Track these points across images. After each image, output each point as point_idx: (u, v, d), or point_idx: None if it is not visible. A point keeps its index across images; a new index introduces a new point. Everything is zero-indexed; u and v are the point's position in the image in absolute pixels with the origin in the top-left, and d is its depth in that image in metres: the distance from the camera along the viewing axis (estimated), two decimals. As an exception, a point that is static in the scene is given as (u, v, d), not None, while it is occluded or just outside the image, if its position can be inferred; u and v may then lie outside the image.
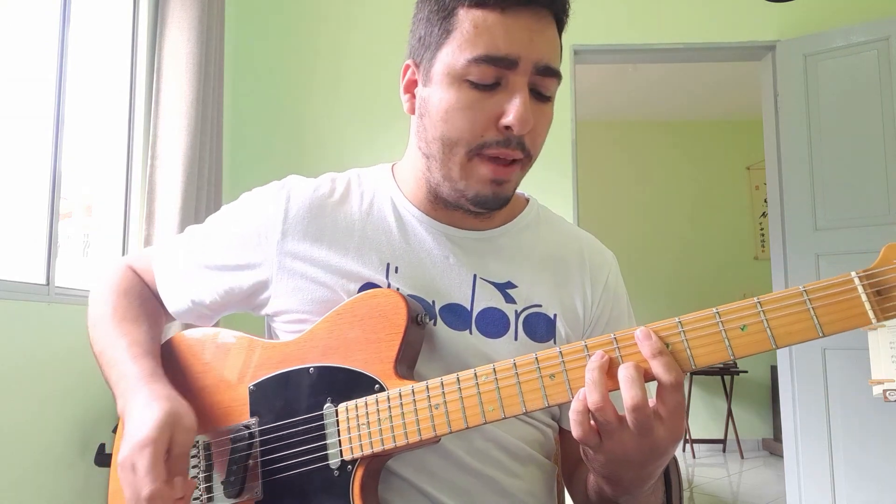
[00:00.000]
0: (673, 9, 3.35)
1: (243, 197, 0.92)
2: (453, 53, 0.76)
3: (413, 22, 0.84)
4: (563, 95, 3.27)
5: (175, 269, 0.92)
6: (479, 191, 0.79)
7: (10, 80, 2.19)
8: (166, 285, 0.93)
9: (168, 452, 0.72)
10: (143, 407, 0.75)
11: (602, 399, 0.64)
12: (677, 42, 3.32)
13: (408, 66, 0.84)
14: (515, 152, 0.77)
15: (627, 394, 0.63)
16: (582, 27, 3.33)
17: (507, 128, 0.76)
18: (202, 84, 2.72)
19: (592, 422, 0.66)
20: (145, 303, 0.93)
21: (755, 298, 0.63)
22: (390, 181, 0.90)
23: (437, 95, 0.78)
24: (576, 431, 0.66)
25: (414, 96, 0.84)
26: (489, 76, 0.75)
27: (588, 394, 0.64)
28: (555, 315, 0.86)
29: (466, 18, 0.76)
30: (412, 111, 0.84)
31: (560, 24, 0.80)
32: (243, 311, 0.92)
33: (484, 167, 0.78)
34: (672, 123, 6.05)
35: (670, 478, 0.93)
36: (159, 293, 0.94)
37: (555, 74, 0.78)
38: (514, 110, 0.75)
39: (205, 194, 2.74)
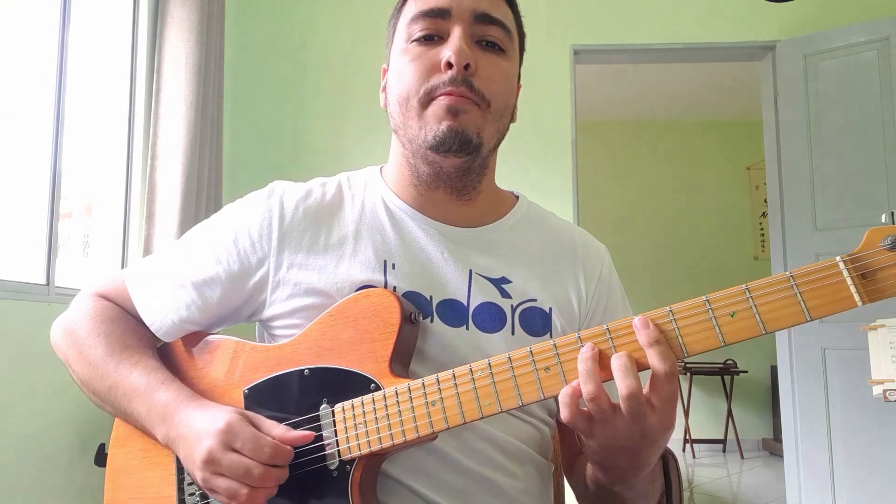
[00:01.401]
0: (673, 9, 3.35)
1: (228, 209, 0.90)
2: (400, 28, 0.86)
3: None
4: (563, 95, 3.27)
5: (157, 289, 0.88)
6: (437, 130, 0.80)
7: (11, 80, 2.19)
8: (149, 308, 0.88)
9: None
10: (207, 411, 0.76)
11: (596, 388, 0.65)
12: (677, 42, 3.32)
13: (384, 70, 0.91)
14: (461, 89, 0.80)
15: (622, 383, 0.64)
16: (582, 27, 3.33)
17: (448, 65, 0.80)
18: (202, 84, 2.72)
19: (585, 408, 0.67)
20: (137, 328, 0.88)
21: (744, 285, 0.64)
22: (379, 181, 0.91)
23: (392, 68, 0.86)
24: (564, 414, 0.67)
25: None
26: (427, 29, 0.82)
27: (583, 384, 0.65)
28: (550, 309, 0.87)
29: (412, 1, 0.85)
30: (386, 105, 0.89)
31: None
32: (234, 324, 0.90)
33: (435, 103, 0.81)
34: (672, 123, 6.05)
35: (670, 477, 0.93)
36: (141, 316, 0.89)
37: (496, 22, 0.83)
38: (450, 46, 0.80)
39: (205, 194, 2.74)
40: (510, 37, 0.85)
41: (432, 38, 0.82)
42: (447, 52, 0.79)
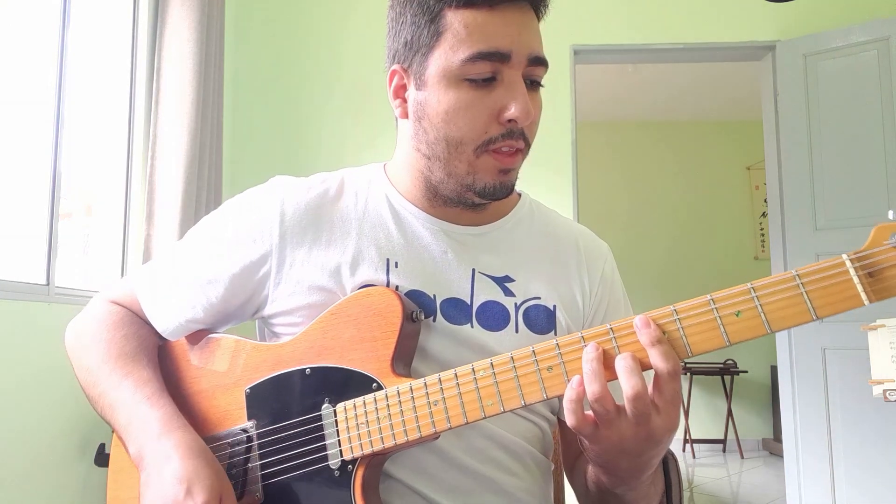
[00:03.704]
0: (673, 9, 3.35)
1: (229, 206, 0.90)
2: (447, 55, 0.78)
3: (392, 26, 0.84)
4: (562, 95, 3.27)
5: (162, 291, 0.88)
6: (487, 182, 0.80)
7: (11, 79, 2.19)
8: (155, 309, 0.89)
9: None
10: (178, 461, 0.74)
11: (602, 389, 0.65)
12: (677, 42, 3.32)
13: (395, 72, 0.84)
14: (519, 142, 0.79)
15: (627, 383, 0.64)
16: (582, 27, 3.33)
17: (510, 121, 0.78)
18: (202, 84, 2.72)
19: (589, 411, 0.67)
20: (139, 332, 0.89)
21: (748, 284, 0.64)
22: (384, 179, 0.90)
23: (436, 98, 0.79)
24: (570, 420, 0.67)
25: (405, 101, 0.84)
26: (485, 71, 0.77)
27: (588, 384, 0.65)
28: (554, 306, 0.87)
29: (456, 19, 0.77)
30: (405, 115, 0.85)
31: (538, 14, 0.83)
32: (239, 322, 0.90)
33: (491, 159, 0.79)
34: (672, 123, 6.05)
35: (670, 477, 0.93)
36: (148, 318, 0.90)
37: (544, 63, 0.81)
38: (515, 104, 0.77)
39: (205, 194, 2.74)
40: (546, 69, 0.82)
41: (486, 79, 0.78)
42: (513, 110, 0.76)
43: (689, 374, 5.50)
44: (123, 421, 0.80)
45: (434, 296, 0.83)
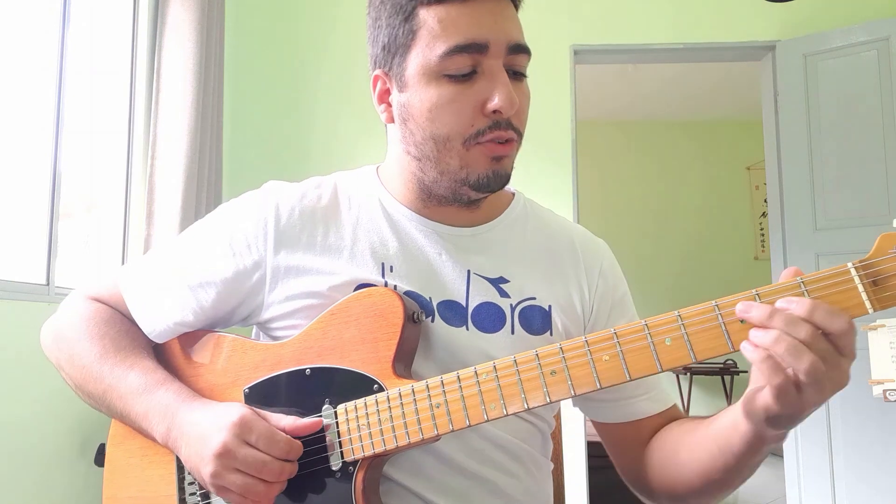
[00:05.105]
0: (673, 9, 3.35)
1: (223, 210, 0.89)
2: (424, 53, 0.77)
3: (370, 32, 0.85)
4: (562, 95, 3.27)
5: (152, 293, 0.86)
6: (481, 173, 0.79)
7: (11, 79, 2.19)
8: (143, 310, 0.87)
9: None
10: (212, 408, 0.76)
11: (845, 323, 0.59)
12: (677, 42, 3.32)
13: (377, 78, 0.84)
14: (508, 132, 0.78)
15: (835, 325, 0.59)
16: (582, 27, 3.33)
17: (495, 112, 0.77)
18: (202, 84, 2.72)
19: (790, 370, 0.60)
20: (131, 329, 0.87)
21: (754, 290, 0.63)
22: (376, 182, 0.90)
23: (418, 97, 0.79)
24: (773, 379, 0.60)
25: (390, 105, 0.84)
26: (465, 65, 0.77)
27: (793, 358, 0.58)
28: (549, 307, 0.86)
29: (429, 16, 0.77)
30: (391, 120, 0.84)
31: (515, 2, 0.82)
32: (227, 326, 0.89)
33: (482, 149, 0.79)
34: (672, 123, 6.05)
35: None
36: (135, 319, 0.88)
37: (525, 51, 0.80)
38: (498, 94, 0.76)
39: (205, 194, 2.74)
40: (529, 57, 0.82)
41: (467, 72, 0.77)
42: (496, 100, 0.76)
43: (688, 374, 5.50)
44: (141, 409, 0.80)
45: (430, 298, 0.82)
